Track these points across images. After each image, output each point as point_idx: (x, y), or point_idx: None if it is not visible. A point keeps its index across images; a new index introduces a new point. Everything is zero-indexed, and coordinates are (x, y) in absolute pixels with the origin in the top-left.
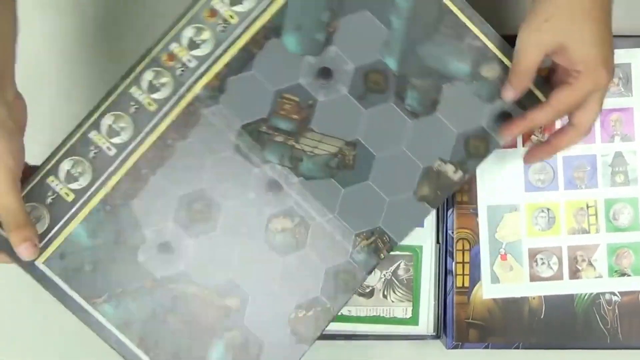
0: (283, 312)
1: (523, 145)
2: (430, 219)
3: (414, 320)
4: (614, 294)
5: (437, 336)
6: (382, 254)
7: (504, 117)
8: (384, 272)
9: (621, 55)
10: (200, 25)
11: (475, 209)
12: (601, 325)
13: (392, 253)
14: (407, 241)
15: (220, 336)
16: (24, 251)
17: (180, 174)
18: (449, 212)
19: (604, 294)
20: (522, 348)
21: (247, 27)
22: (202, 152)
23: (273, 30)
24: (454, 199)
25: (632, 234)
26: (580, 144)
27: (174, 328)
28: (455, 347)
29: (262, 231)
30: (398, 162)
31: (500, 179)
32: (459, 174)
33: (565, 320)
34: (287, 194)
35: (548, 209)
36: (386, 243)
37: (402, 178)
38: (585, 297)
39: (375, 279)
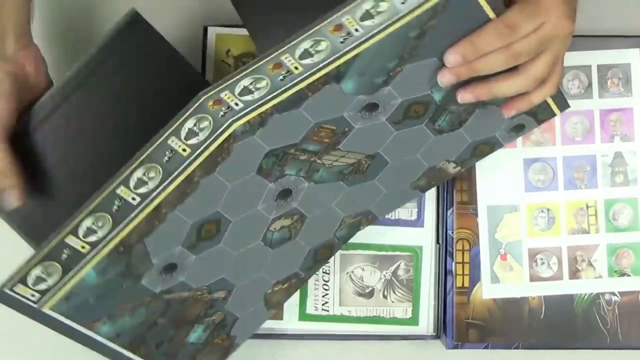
0: (263, 291)
1: (523, 145)
2: (431, 220)
3: (413, 320)
4: (614, 294)
5: (437, 336)
6: (361, 227)
7: (518, 129)
8: (384, 272)
9: (621, 55)
10: (260, 76)
11: (475, 209)
12: (601, 326)
13: (392, 253)
14: (407, 241)
15: (202, 322)
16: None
17: (199, 205)
18: (449, 212)
19: (603, 294)
20: (522, 348)
21: (308, 76)
22: (225, 182)
23: (335, 77)
24: (453, 199)
25: (632, 234)
26: (580, 144)
27: (161, 325)
28: (455, 347)
29: (262, 233)
30: (407, 165)
31: (499, 179)
32: (457, 169)
33: (565, 320)
34: (293, 198)
35: (548, 209)
36: (369, 220)
37: (405, 176)
38: (585, 298)
39: (375, 280)
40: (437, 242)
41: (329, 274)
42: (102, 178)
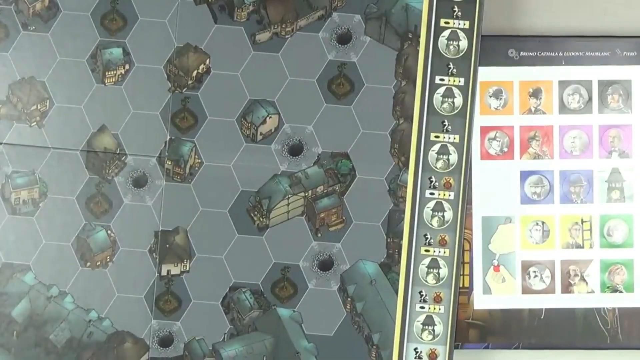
0: None
1: (520, 158)
2: None
3: None
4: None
5: None
6: None
7: None
8: None
9: (622, 72)
10: None
11: None
12: (601, 326)
13: None
14: None
15: None
16: None
17: None
18: None
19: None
20: (522, 348)
21: None
22: None
23: None
24: None
25: (626, 251)
26: (577, 158)
27: None
28: (456, 347)
29: None
30: None
31: (495, 191)
32: None
33: (565, 321)
34: None
35: (543, 222)
36: None
37: None
38: None
39: None
40: None
41: None
42: None
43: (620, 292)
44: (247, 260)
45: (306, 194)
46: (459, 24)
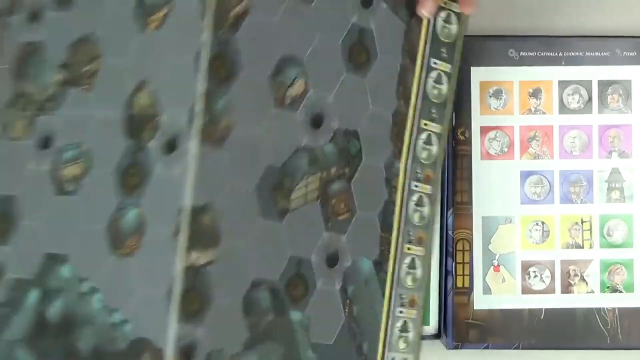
0: None
1: (520, 158)
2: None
3: (424, 320)
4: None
5: (437, 336)
6: None
7: None
8: None
9: (622, 72)
10: None
11: None
12: (601, 326)
13: None
14: None
15: None
16: None
17: None
18: (449, 212)
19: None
20: (522, 348)
21: None
22: None
23: None
24: (454, 199)
25: (626, 251)
26: (577, 158)
27: None
28: (456, 347)
29: None
30: None
31: (495, 191)
32: None
33: (565, 321)
34: None
35: (543, 223)
36: None
37: None
38: None
39: None
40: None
41: None
42: None
43: (620, 292)
44: (266, 253)
45: (322, 175)
46: (454, 6)
